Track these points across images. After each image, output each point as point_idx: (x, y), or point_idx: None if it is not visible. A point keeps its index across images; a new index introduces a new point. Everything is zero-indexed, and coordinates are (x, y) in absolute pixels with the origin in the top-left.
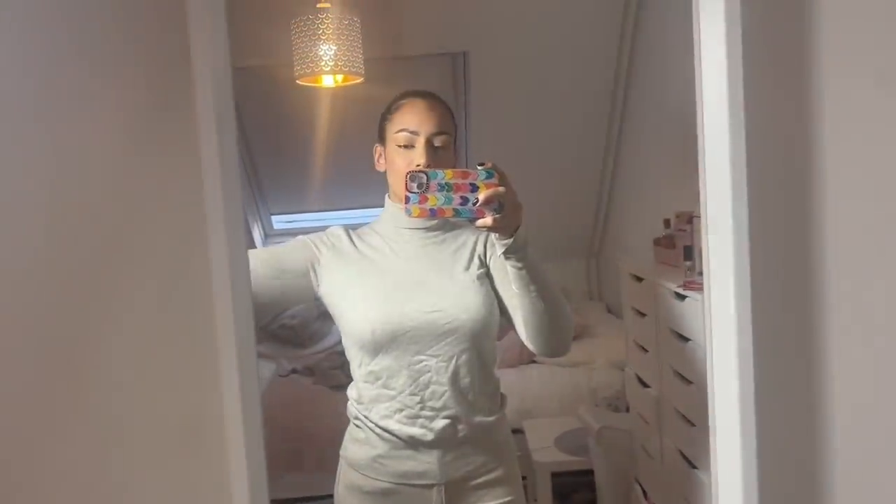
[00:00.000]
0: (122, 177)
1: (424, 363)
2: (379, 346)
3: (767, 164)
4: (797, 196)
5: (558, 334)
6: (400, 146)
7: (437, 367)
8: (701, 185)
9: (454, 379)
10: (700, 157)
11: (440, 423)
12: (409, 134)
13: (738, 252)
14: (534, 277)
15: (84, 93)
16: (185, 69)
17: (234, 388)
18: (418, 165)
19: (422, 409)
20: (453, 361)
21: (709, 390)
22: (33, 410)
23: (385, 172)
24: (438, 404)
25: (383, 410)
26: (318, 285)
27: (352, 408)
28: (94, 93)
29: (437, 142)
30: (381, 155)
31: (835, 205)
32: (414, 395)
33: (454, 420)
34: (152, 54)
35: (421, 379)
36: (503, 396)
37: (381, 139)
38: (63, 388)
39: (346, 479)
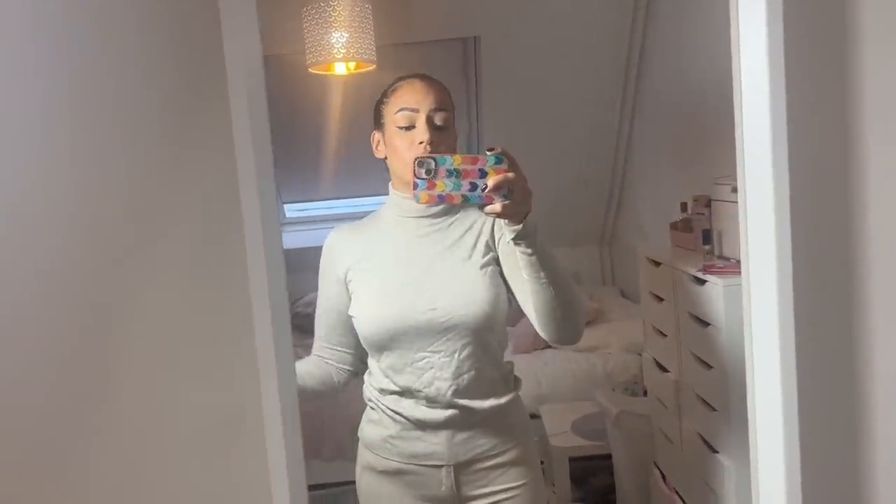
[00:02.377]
0: (157, 169)
1: (427, 360)
2: (381, 346)
3: (808, 144)
4: (839, 176)
5: (569, 322)
6: (400, 127)
7: (440, 363)
8: (738, 166)
9: (458, 373)
10: (738, 138)
11: (448, 412)
12: (409, 112)
13: (780, 236)
14: (543, 264)
15: (119, 87)
16: (219, 60)
17: (273, 377)
18: (421, 143)
19: (429, 402)
20: (455, 356)
21: (748, 379)
22: (73, 403)
23: (385, 160)
24: (445, 399)
25: (394, 397)
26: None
27: (366, 390)
28: (129, 87)
29: (438, 119)
30: (379, 142)
31: (879, 185)
32: (420, 390)
33: (462, 409)
34: (185, 46)
35: (425, 376)
36: (517, 379)
37: (379, 125)
38: (102, 382)
39: (362, 459)
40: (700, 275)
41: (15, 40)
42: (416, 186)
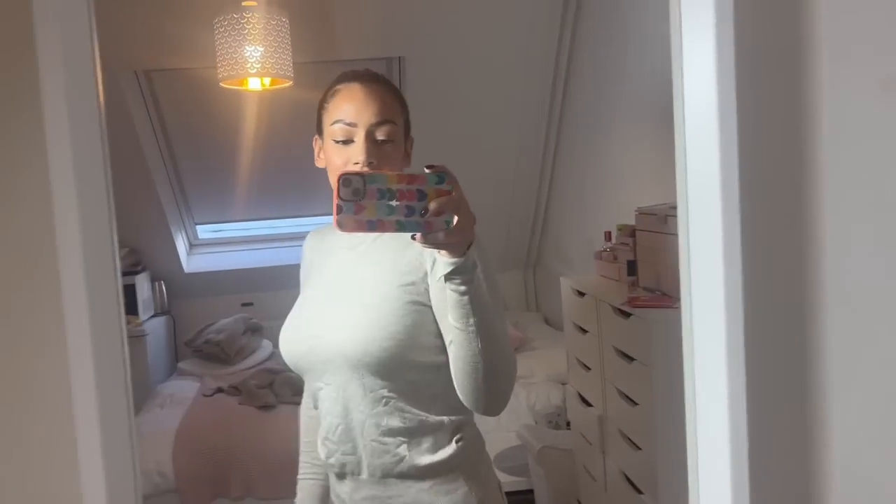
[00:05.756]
0: None
1: (322, 391)
2: (296, 371)
3: (760, 173)
4: (793, 206)
5: (492, 387)
6: (337, 141)
7: (330, 397)
8: (680, 193)
9: (345, 413)
10: (678, 163)
11: (341, 459)
12: (345, 126)
13: (729, 269)
14: (476, 308)
15: None
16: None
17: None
18: (356, 164)
19: (324, 439)
20: (341, 392)
21: (688, 424)
22: None
23: (326, 170)
24: (334, 438)
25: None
26: None
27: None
28: None
29: (381, 134)
30: (320, 149)
31: (833, 214)
32: (320, 422)
33: (355, 458)
34: None
35: (321, 407)
36: (463, 435)
37: (319, 131)
38: None
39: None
40: (626, 308)
41: None
42: (339, 210)
